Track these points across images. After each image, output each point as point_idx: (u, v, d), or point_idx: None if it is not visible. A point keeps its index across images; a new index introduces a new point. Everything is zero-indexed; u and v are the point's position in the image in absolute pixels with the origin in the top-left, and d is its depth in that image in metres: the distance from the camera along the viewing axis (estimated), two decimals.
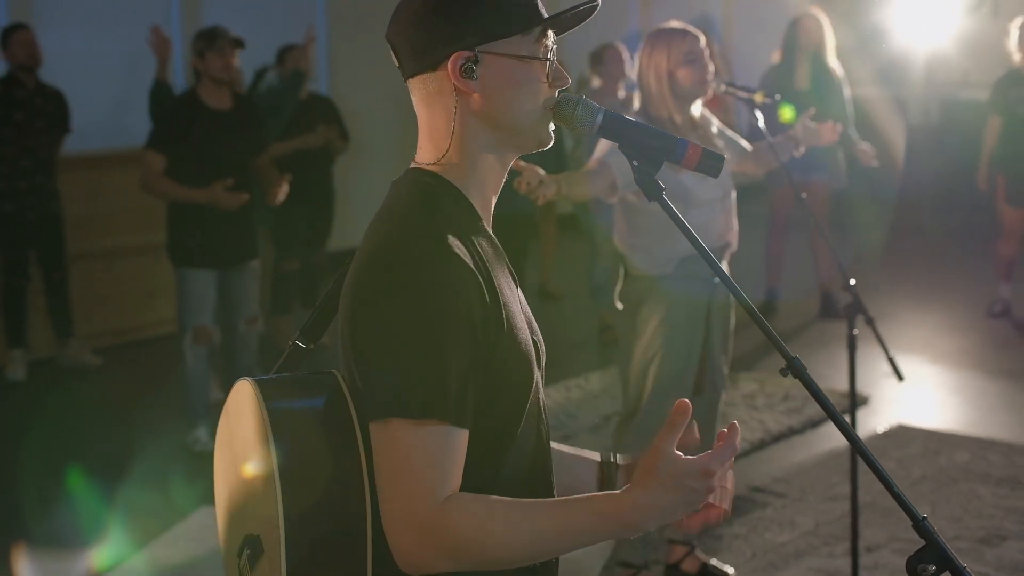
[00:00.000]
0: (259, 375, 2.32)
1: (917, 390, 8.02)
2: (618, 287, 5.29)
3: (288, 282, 9.38)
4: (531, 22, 2.27)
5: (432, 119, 2.31)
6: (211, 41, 7.09)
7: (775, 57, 9.93)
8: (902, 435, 7.25)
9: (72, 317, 9.08)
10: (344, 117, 9.60)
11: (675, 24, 5.25)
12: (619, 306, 5.28)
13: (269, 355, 8.27)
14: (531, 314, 2.41)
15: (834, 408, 2.36)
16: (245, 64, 9.40)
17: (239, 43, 7.18)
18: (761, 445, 7.15)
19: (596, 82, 9.22)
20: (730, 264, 5.36)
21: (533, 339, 2.33)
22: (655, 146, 2.31)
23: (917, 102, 15.00)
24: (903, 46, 13.79)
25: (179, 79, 10.82)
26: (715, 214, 5.14)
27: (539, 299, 10.35)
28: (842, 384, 7.72)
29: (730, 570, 5.51)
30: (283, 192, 7.21)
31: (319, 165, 9.26)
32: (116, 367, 9.07)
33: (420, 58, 2.28)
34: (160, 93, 8.05)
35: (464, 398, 2.12)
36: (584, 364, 8.64)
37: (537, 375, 2.32)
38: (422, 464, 2.06)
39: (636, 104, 5.21)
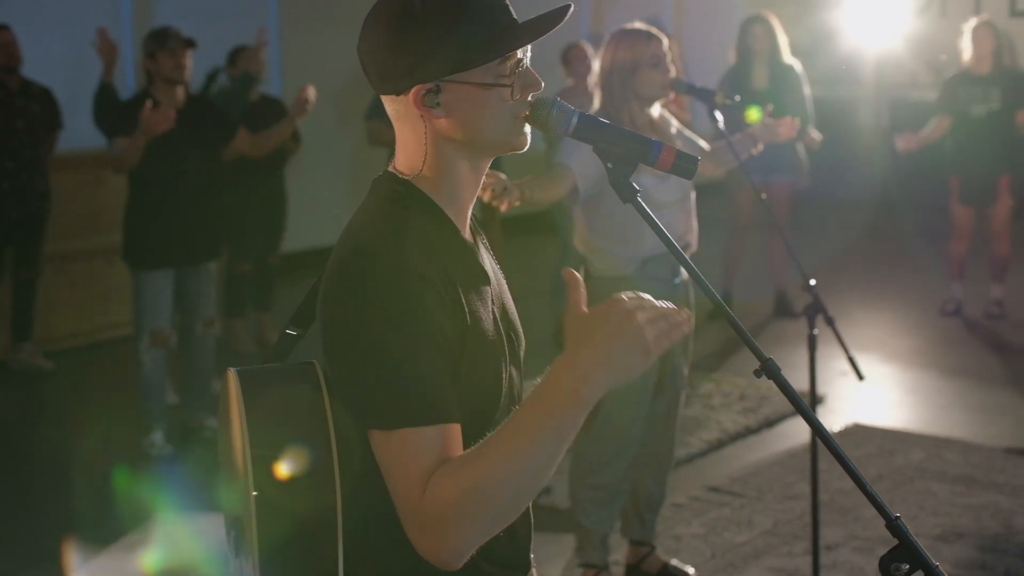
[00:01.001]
0: (215, 379, 2.38)
1: (872, 389, 8.06)
2: None
3: (241, 284, 9.34)
4: (492, 52, 2.24)
5: (404, 134, 2.33)
6: (162, 42, 7.04)
7: (731, 58, 9.97)
8: (858, 434, 7.29)
9: (32, 320, 9.01)
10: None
11: (639, 25, 5.25)
12: None
13: (223, 358, 8.24)
14: (513, 312, 2.43)
15: (807, 408, 2.36)
16: (197, 65, 9.36)
17: (191, 43, 7.13)
18: (718, 445, 7.17)
19: (569, 81, 9.31)
20: None
21: (509, 335, 2.34)
22: (630, 148, 2.32)
23: (868, 103, 15.09)
24: (853, 47, 13.89)
25: (130, 80, 10.76)
26: (675, 216, 5.15)
27: None
28: (800, 383, 7.73)
29: (690, 570, 5.52)
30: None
31: (271, 167, 9.21)
32: (70, 371, 9.00)
33: (384, 82, 2.29)
34: (105, 96, 7.97)
35: (436, 397, 2.12)
36: (539, 366, 8.56)
37: (508, 382, 2.32)
38: (405, 470, 2.09)
39: (596, 103, 5.21)
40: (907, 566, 2.37)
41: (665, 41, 5.15)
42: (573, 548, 5.58)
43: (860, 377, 4.93)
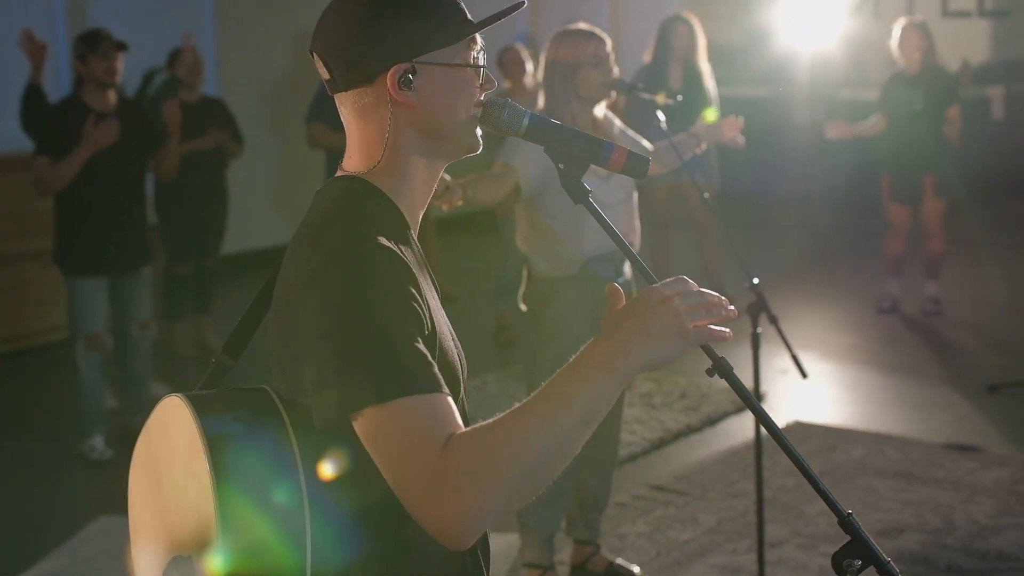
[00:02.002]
0: (153, 382, 2.30)
1: (812, 387, 8.11)
2: (522, 289, 5.29)
3: (180, 287, 9.28)
4: (462, 31, 2.28)
5: (365, 130, 2.30)
6: (93, 44, 6.98)
7: (646, 57, 10.00)
8: (799, 432, 7.33)
9: None
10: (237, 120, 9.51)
11: (582, 26, 5.26)
12: (523, 308, 5.29)
13: (162, 361, 8.19)
14: (451, 328, 2.40)
15: (760, 407, 2.38)
16: (134, 67, 9.29)
17: (122, 46, 7.07)
18: (660, 444, 7.19)
19: (507, 84, 9.37)
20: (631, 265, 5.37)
21: (457, 351, 2.33)
22: (581, 149, 2.32)
23: (802, 102, 15.19)
24: (787, 47, 13.97)
25: (64, 81, 10.66)
26: (619, 216, 5.16)
27: None
28: (743, 381, 7.77)
29: (636, 569, 5.54)
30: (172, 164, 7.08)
31: (212, 168, 9.16)
32: (4, 376, 8.91)
33: (355, 72, 2.26)
34: (33, 98, 7.86)
35: (432, 368, 2.07)
36: (481, 366, 8.62)
37: (462, 387, 2.31)
38: (414, 435, 1.99)
39: (540, 103, 5.22)
40: (859, 562, 2.38)
41: (608, 41, 5.16)
42: (518, 548, 5.58)
43: (803, 375, 4.96)
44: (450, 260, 10.77)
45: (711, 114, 9.30)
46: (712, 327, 2.14)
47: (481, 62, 2.32)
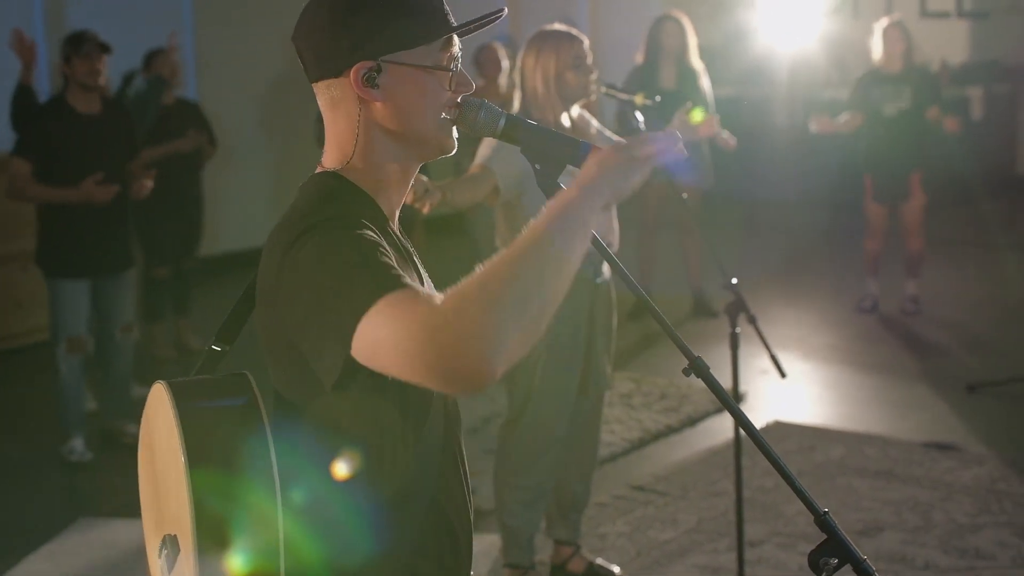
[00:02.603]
0: (135, 384, 2.35)
1: (792, 386, 8.13)
2: None
3: (159, 289, 9.27)
4: (436, 32, 2.28)
5: (336, 124, 2.32)
6: (78, 46, 6.98)
7: (638, 58, 10.01)
8: (778, 431, 7.35)
9: None
10: (212, 121, 9.50)
11: (560, 27, 5.27)
12: None
13: (141, 363, 8.18)
14: None
15: (736, 406, 2.40)
16: (113, 69, 9.26)
17: (106, 48, 7.07)
18: (640, 444, 7.20)
19: (481, 82, 9.37)
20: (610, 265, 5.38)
21: None
22: (557, 149, 2.33)
23: (782, 102, 15.22)
24: (767, 47, 14.00)
25: (43, 82, 10.63)
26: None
27: None
28: (722, 382, 7.78)
29: (616, 569, 5.55)
30: (147, 188, 7.07)
31: (188, 170, 9.15)
32: None
33: (323, 64, 2.29)
34: (23, 98, 7.87)
35: (404, 275, 2.07)
36: None
37: None
38: (404, 318, 1.96)
39: (516, 104, 5.22)
40: (836, 560, 2.40)
41: (586, 42, 5.17)
42: (499, 548, 5.59)
43: (782, 375, 4.98)
44: (428, 261, 10.74)
45: (698, 114, 9.28)
46: (658, 147, 2.16)
47: (456, 64, 2.33)
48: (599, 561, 5.57)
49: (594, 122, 5.39)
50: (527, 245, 1.95)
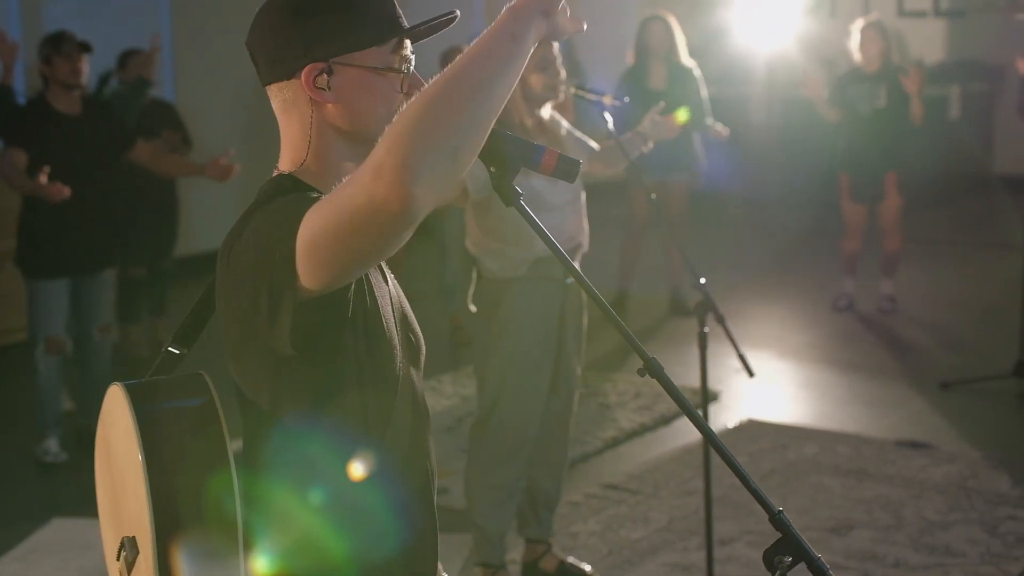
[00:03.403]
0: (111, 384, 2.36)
1: (767, 385, 8.16)
2: (471, 290, 5.32)
3: (135, 289, 9.27)
4: (386, 34, 2.30)
5: (290, 126, 2.34)
6: (58, 46, 6.99)
7: (629, 59, 10.04)
8: (752, 430, 7.37)
9: None
10: (189, 123, 9.51)
11: None
12: (472, 308, 5.31)
13: (120, 364, 8.18)
14: (413, 318, 2.47)
15: (691, 406, 2.41)
16: (90, 69, 9.25)
17: (86, 48, 7.08)
18: (614, 443, 7.22)
19: None
20: (582, 264, 5.41)
21: (409, 336, 2.39)
22: (512, 152, 2.34)
23: (760, 101, 15.26)
24: (745, 47, 14.02)
25: (19, 83, 10.62)
26: (567, 217, 5.18)
27: None
28: (694, 381, 7.80)
29: (587, 567, 5.57)
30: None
31: None
32: None
33: (275, 67, 2.31)
34: (3, 98, 7.86)
35: None
36: (436, 366, 8.64)
37: (407, 378, 2.37)
38: (337, 193, 2.01)
39: None
40: (790, 558, 2.42)
41: (556, 45, 5.19)
42: (470, 547, 5.60)
43: (751, 374, 5.00)
44: (403, 262, 10.75)
45: (682, 114, 9.30)
46: None
47: (409, 66, 2.34)
48: (570, 559, 5.59)
49: (564, 123, 5.40)
50: (448, 71, 1.97)
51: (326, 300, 2.13)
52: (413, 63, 2.37)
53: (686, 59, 9.70)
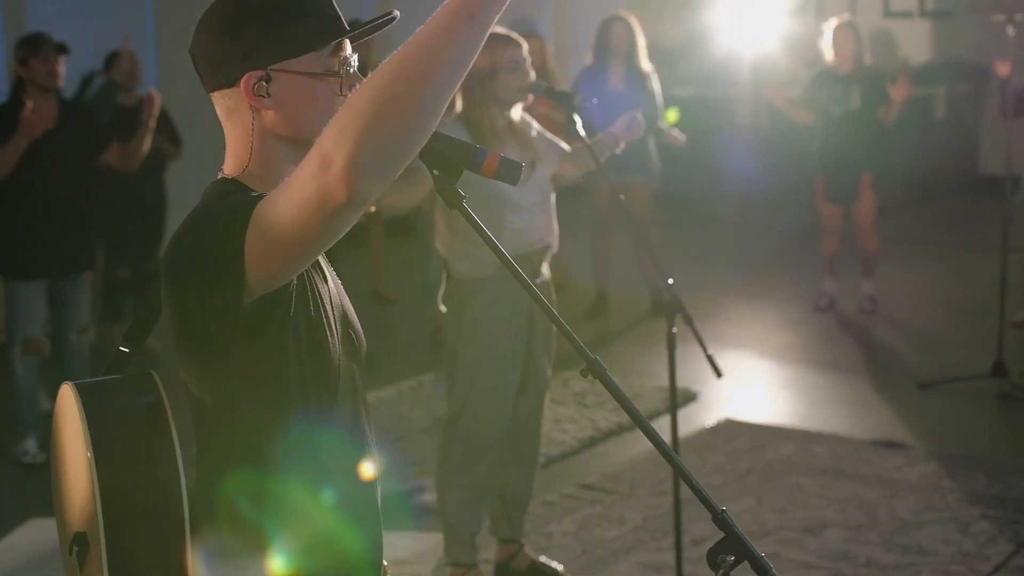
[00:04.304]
0: None
1: (746, 385, 8.18)
2: (441, 290, 5.34)
3: (120, 290, 9.28)
4: (323, 39, 2.32)
5: (233, 132, 2.38)
6: (35, 47, 6.99)
7: (588, 59, 10.04)
8: (729, 430, 7.39)
9: None
10: (176, 122, 9.51)
11: (499, 30, 5.29)
12: (443, 309, 5.34)
13: (100, 364, 8.18)
14: (354, 316, 2.49)
15: (632, 406, 2.46)
16: (73, 70, 9.26)
17: (63, 49, 7.09)
18: (591, 443, 7.24)
19: None
20: (550, 265, 5.42)
21: (348, 333, 2.41)
22: (454, 155, 2.36)
23: (745, 102, 15.28)
24: (730, 47, 14.04)
25: (1, 82, 10.62)
26: (536, 217, 5.20)
27: (372, 302, 10.35)
28: (677, 381, 7.83)
29: (559, 566, 5.58)
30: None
31: (150, 171, 9.13)
32: None
33: (216, 75, 2.34)
34: None
35: None
36: (417, 366, 8.66)
37: (348, 372, 2.39)
38: (287, 185, 2.07)
39: (458, 106, 5.25)
40: (732, 558, 2.44)
41: (525, 45, 5.20)
42: (442, 548, 5.62)
43: (718, 375, 5.03)
44: (388, 262, 10.78)
45: (672, 115, 9.33)
46: None
47: (349, 69, 2.36)
48: (542, 559, 5.61)
49: (535, 124, 5.42)
50: (398, 56, 1.98)
51: (269, 299, 2.17)
52: (355, 63, 2.38)
53: (645, 62, 9.68)
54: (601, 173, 5.20)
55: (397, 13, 2.36)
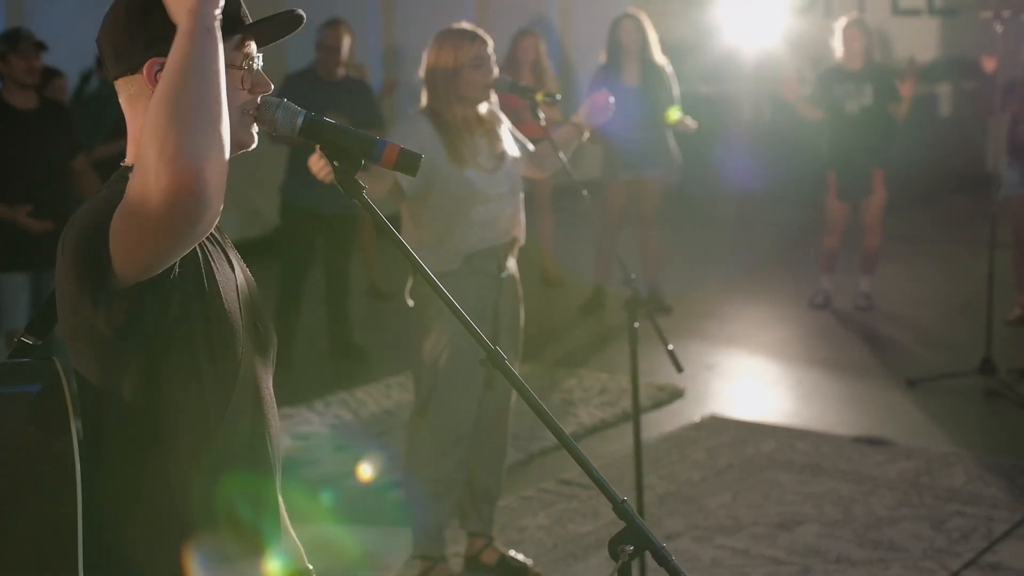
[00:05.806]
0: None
1: (735, 381, 8.20)
2: (408, 284, 5.36)
3: None
4: (225, 31, 2.33)
5: (136, 120, 2.40)
6: (14, 44, 7.05)
7: (601, 58, 10.07)
8: (714, 425, 7.41)
9: None
10: None
11: (465, 26, 5.31)
12: (410, 303, 5.36)
13: None
14: (263, 309, 2.51)
15: (534, 396, 2.47)
16: (72, 68, 9.34)
17: (41, 45, 7.15)
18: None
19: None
20: (516, 258, 5.41)
21: (256, 325, 2.43)
22: (353, 146, 2.40)
23: (748, 99, 15.27)
24: (734, 44, 14.04)
25: None
26: (502, 209, 5.21)
27: (369, 298, 10.36)
28: (664, 378, 7.87)
29: (528, 561, 5.60)
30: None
31: None
32: None
33: (120, 61, 2.36)
34: None
35: None
36: (407, 361, 8.67)
37: (248, 363, 2.41)
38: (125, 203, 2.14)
39: (423, 102, 5.27)
40: (632, 547, 2.46)
41: (490, 42, 5.22)
42: (410, 541, 5.64)
43: (679, 370, 5.02)
44: (383, 258, 10.80)
45: (674, 113, 9.33)
46: None
47: (252, 64, 2.39)
48: (511, 553, 5.62)
49: (505, 121, 5.43)
50: (170, 79, 2.08)
51: (145, 286, 2.19)
52: (259, 62, 2.41)
53: (659, 56, 9.72)
54: (565, 172, 5.19)
55: (303, 14, 2.39)
